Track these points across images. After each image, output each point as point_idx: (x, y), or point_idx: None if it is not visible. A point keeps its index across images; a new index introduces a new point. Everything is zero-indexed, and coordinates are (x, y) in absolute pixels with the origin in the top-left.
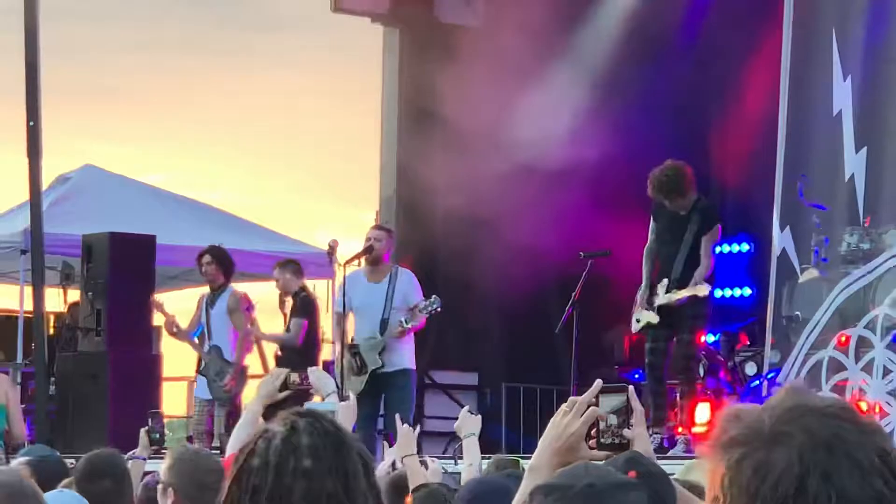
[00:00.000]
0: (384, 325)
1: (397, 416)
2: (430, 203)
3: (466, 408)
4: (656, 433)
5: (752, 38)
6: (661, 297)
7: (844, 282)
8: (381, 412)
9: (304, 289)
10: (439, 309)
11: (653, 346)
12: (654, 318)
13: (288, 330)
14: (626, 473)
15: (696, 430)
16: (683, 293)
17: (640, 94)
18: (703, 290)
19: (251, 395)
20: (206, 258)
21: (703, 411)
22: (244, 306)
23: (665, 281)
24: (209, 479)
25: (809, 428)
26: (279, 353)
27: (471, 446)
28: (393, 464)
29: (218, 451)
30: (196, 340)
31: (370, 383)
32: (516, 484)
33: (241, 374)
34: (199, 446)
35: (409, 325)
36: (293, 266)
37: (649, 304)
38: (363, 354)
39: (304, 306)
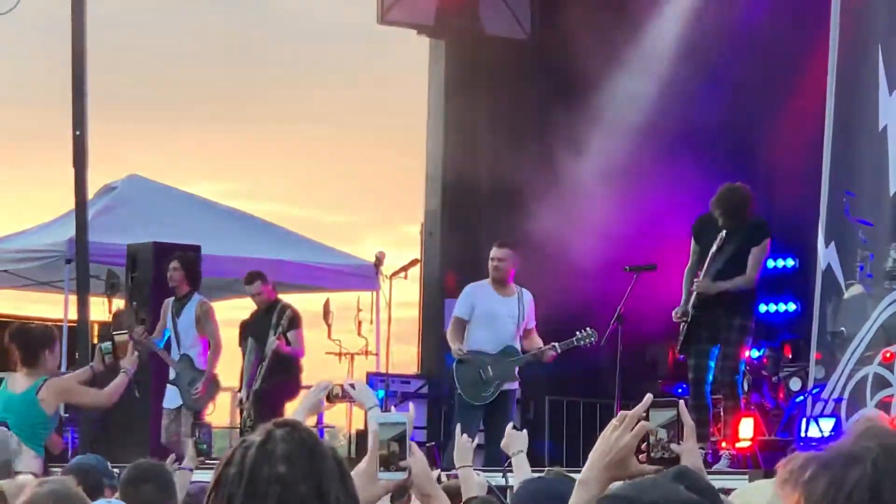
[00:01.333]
0: (511, 343)
1: (458, 426)
2: (475, 215)
3: (511, 424)
4: (700, 448)
5: (800, 55)
6: (698, 286)
7: (889, 297)
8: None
9: (279, 300)
10: (594, 343)
11: (696, 362)
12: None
13: (288, 343)
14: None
15: (739, 444)
16: (722, 285)
17: (688, 111)
18: (738, 281)
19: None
20: (174, 264)
21: (746, 426)
22: (213, 315)
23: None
24: None
25: (885, 444)
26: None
27: (521, 463)
28: (438, 477)
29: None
30: (162, 349)
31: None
32: (569, 487)
33: (213, 384)
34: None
35: (559, 352)
36: (262, 277)
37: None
38: (493, 366)
39: (295, 318)
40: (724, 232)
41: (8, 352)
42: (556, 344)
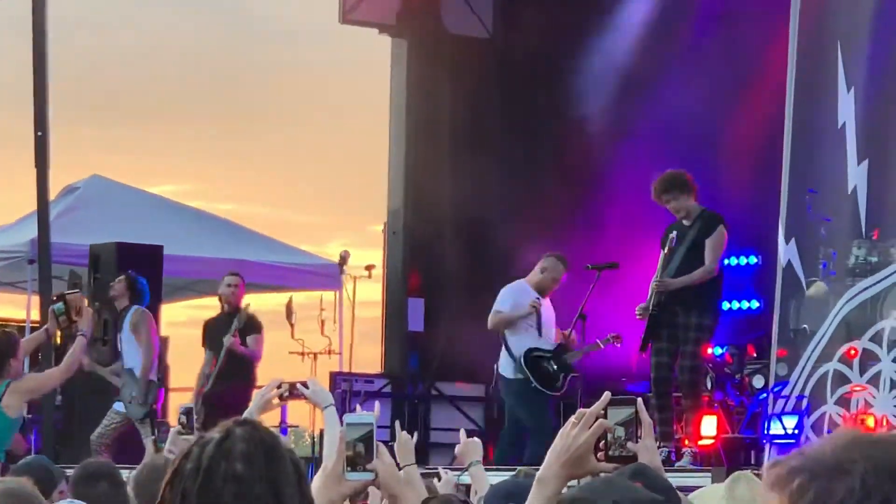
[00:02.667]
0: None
1: (397, 423)
2: (438, 213)
3: (463, 431)
4: (663, 447)
5: (759, 49)
6: (657, 284)
7: (850, 292)
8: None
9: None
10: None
11: (657, 361)
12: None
13: (244, 345)
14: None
15: (702, 442)
16: (681, 279)
17: (648, 104)
18: (696, 274)
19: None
20: (120, 277)
21: (709, 424)
22: (149, 321)
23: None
24: None
25: (872, 456)
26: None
27: (478, 475)
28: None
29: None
30: (107, 370)
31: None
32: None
33: (149, 387)
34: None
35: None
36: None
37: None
38: (555, 360)
39: (257, 322)
40: (675, 232)
41: None
42: (586, 346)
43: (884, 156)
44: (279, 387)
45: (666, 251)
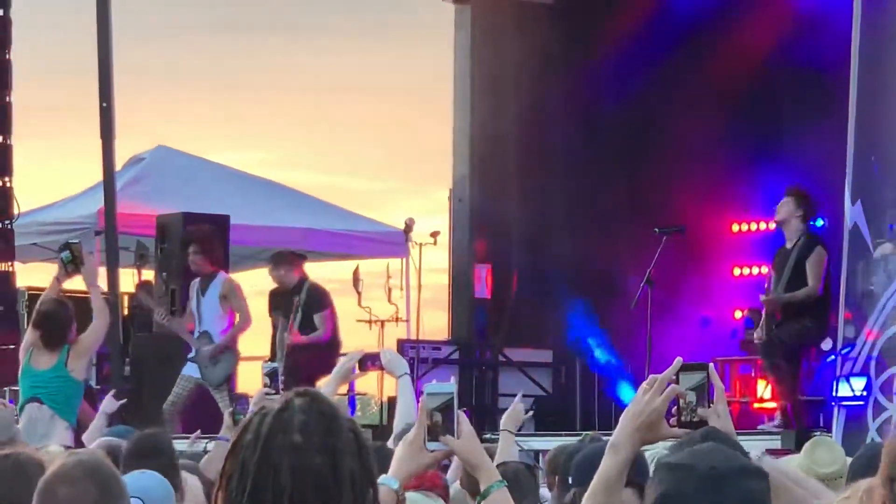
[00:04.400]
0: None
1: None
2: (504, 180)
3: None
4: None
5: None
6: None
7: None
8: None
9: (306, 279)
10: None
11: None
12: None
13: (311, 325)
14: None
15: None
16: (785, 296)
17: (708, 73)
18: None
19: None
20: (193, 248)
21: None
22: (241, 291)
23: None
24: None
25: None
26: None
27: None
28: None
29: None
30: (184, 329)
31: None
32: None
33: (229, 354)
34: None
35: None
36: (286, 258)
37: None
38: None
39: (320, 298)
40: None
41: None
42: None
43: None
44: (360, 357)
45: (769, 284)
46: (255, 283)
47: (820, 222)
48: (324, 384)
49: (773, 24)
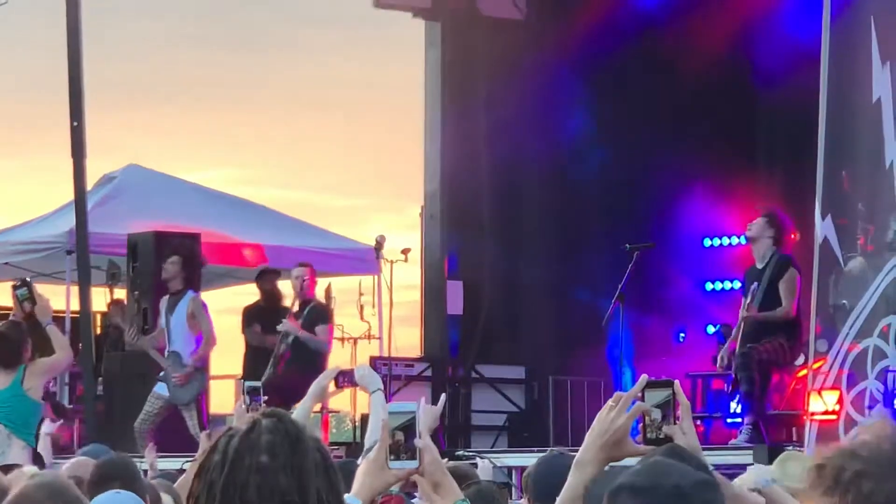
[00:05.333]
0: None
1: (421, 399)
2: (475, 196)
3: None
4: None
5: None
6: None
7: (888, 266)
8: None
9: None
10: None
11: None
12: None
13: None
14: None
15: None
16: (762, 314)
17: (679, 87)
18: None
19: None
20: (173, 258)
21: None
22: (206, 310)
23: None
24: None
25: None
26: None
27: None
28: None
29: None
30: (153, 349)
31: None
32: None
33: (199, 375)
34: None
35: None
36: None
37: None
38: None
39: (326, 312)
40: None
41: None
42: None
43: None
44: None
45: (749, 300)
46: (226, 302)
47: (792, 236)
48: (301, 403)
49: (747, 37)
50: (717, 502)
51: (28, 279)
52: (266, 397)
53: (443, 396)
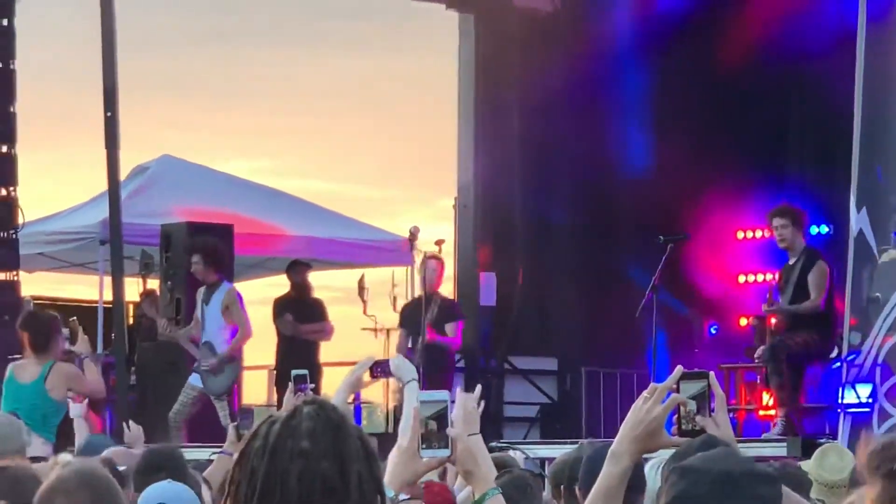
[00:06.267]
0: None
1: (458, 388)
2: (508, 187)
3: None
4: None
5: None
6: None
7: None
8: None
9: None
10: None
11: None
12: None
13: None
14: None
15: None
16: (787, 308)
17: (708, 76)
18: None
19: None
20: (195, 258)
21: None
22: (241, 301)
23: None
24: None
25: None
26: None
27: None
28: None
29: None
30: (187, 339)
31: None
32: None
33: (232, 365)
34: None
35: None
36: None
37: None
38: None
39: (456, 310)
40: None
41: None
42: None
43: None
44: (371, 365)
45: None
46: (260, 293)
47: (825, 229)
48: (335, 394)
49: (782, 31)
50: (767, 496)
51: (73, 319)
52: (313, 384)
53: (478, 387)
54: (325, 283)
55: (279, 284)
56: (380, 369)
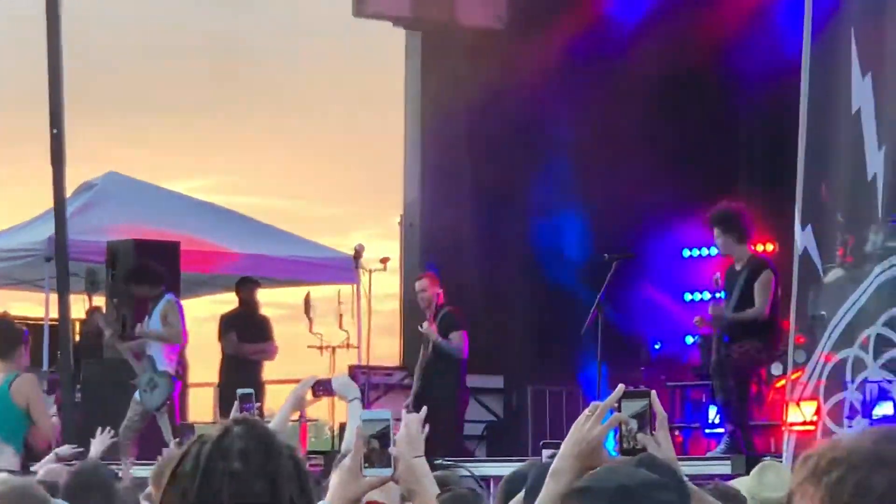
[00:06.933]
0: None
1: (403, 410)
2: (455, 205)
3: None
4: None
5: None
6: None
7: (868, 280)
8: None
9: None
10: None
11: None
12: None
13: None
14: None
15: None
16: (732, 315)
17: (659, 96)
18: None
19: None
20: (137, 289)
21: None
22: (179, 311)
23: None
24: None
25: None
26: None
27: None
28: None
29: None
30: (129, 353)
31: None
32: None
33: (167, 379)
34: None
35: None
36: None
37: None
38: None
39: (457, 321)
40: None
41: None
42: None
43: None
44: (313, 384)
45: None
46: (206, 310)
47: (770, 247)
48: (278, 411)
49: (727, 48)
50: (671, 502)
51: None
52: (259, 403)
53: (423, 409)
54: (271, 301)
55: (225, 301)
56: (322, 388)
